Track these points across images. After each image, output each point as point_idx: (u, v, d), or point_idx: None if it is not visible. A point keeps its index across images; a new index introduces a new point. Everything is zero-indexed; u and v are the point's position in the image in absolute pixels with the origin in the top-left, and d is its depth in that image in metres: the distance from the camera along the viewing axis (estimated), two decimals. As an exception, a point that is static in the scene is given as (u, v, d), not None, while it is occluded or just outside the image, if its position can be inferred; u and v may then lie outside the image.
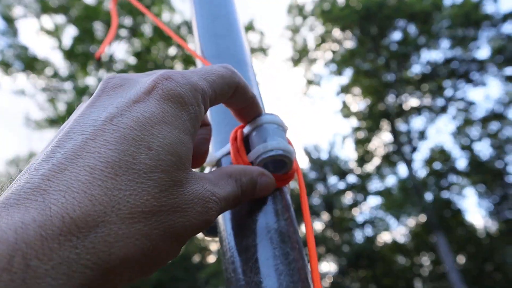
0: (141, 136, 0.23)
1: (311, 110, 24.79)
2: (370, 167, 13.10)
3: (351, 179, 13.46)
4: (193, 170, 0.26)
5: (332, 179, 13.55)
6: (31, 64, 10.14)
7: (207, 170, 0.40)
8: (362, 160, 12.89)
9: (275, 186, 0.33)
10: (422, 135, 11.52)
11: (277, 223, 0.32)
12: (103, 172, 0.20)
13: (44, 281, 0.16)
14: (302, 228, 0.37)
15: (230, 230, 0.33)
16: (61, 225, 0.18)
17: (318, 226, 13.14)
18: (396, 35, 11.68)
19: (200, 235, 0.34)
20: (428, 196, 11.38)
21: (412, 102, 11.84)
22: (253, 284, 0.28)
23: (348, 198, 13.53)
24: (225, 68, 0.31)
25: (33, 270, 0.16)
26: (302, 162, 14.66)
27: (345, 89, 12.49)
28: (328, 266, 13.13)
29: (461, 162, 14.21)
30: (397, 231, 14.14)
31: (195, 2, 0.56)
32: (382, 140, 12.69)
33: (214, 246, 12.64)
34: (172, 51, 11.29)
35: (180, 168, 0.24)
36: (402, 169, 15.33)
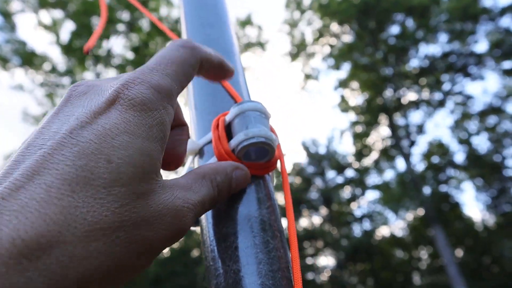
0: (100, 149, 0.21)
1: (309, 104, 24.77)
2: (368, 161, 13.14)
3: (349, 173, 13.52)
4: (163, 178, 0.25)
5: (330, 174, 13.61)
6: (29, 59, 10.14)
7: (189, 158, 0.40)
8: (360, 154, 12.91)
9: (250, 179, 0.33)
10: (420, 129, 11.52)
11: (259, 211, 0.32)
12: (60, 189, 0.19)
13: None
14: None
15: (210, 219, 0.33)
16: (11, 248, 0.17)
17: (317, 220, 13.19)
18: (394, 29, 11.68)
19: (199, 229, 0.33)
20: (426, 190, 11.40)
21: (410, 96, 11.85)
22: (231, 273, 0.28)
23: (346, 192, 13.59)
24: (183, 48, 0.29)
25: None
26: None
27: (343, 84, 12.48)
28: (327, 260, 13.22)
29: (459, 156, 14.21)
30: (395, 225, 14.25)
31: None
32: (380, 134, 12.71)
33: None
34: (170, 45, 11.24)
35: (143, 180, 0.23)
36: (400, 163, 15.35)
